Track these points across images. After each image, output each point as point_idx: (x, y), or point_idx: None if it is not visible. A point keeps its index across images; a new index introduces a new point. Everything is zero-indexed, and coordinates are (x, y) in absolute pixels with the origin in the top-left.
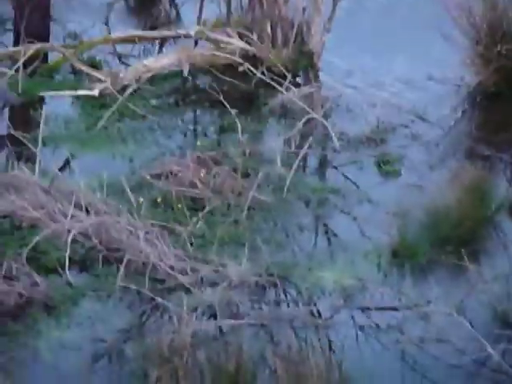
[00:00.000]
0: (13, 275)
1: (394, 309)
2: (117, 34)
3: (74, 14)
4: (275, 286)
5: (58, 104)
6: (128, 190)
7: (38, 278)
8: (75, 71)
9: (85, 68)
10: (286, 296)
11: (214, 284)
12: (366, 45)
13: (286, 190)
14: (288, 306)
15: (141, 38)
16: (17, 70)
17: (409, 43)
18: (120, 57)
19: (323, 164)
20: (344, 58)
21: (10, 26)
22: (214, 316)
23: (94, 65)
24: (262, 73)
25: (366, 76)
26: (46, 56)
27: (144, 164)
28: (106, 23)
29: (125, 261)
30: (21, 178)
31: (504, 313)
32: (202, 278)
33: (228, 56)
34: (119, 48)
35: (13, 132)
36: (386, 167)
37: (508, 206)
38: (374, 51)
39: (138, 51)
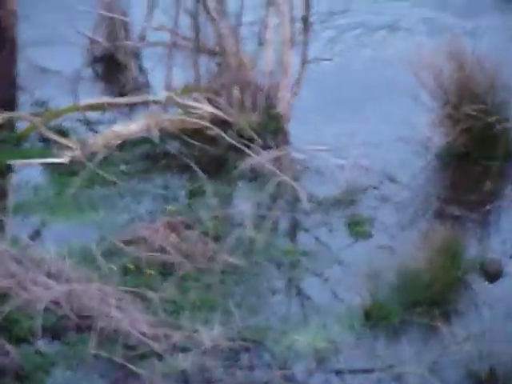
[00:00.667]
0: None
1: (368, 371)
2: (85, 100)
3: (41, 83)
4: (248, 350)
5: (27, 172)
6: (99, 257)
7: (8, 347)
8: (43, 139)
9: (53, 136)
10: (259, 360)
11: (186, 350)
12: (332, 109)
13: (256, 252)
14: (262, 370)
15: (109, 105)
16: None
17: (376, 105)
18: (88, 124)
19: (294, 226)
20: (311, 121)
21: None
22: (187, 382)
23: (63, 132)
24: (232, 137)
25: (334, 139)
26: (13, 124)
27: (114, 230)
28: (74, 91)
29: (96, 328)
30: None
31: (476, 373)
32: (174, 344)
33: (197, 121)
34: (87, 115)
35: None
36: (357, 229)
37: (478, 265)
38: (340, 114)
39: (107, 118)
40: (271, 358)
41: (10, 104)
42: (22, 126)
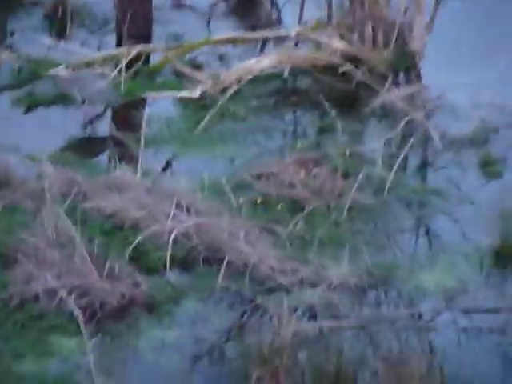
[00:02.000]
0: (115, 275)
1: (496, 311)
2: (218, 35)
3: (176, 16)
4: (376, 287)
5: (160, 105)
6: (229, 191)
7: (139, 278)
8: (177, 73)
9: (186, 69)
10: (386, 298)
11: (314, 285)
12: (468, 47)
13: (386, 191)
14: (389, 308)
15: (242, 40)
16: (119, 72)
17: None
18: (221, 58)
19: (424, 165)
20: (446, 58)
21: (112, 27)
22: (314, 317)
23: (195, 66)
24: (363, 73)
25: (468, 75)
26: (148, 57)
27: (244, 165)
28: (208, 24)
29: (225, 261)
30: (123, 178)
31: None
32: (301, 279)
33: (328, 57)
34: (220, 50)
35: (115, 133)
36: (488, 168)
37: None
38: (475, 52)
39: (239, 53)
40: (398, 296)
41: (145, 37)
42: (156, 59)
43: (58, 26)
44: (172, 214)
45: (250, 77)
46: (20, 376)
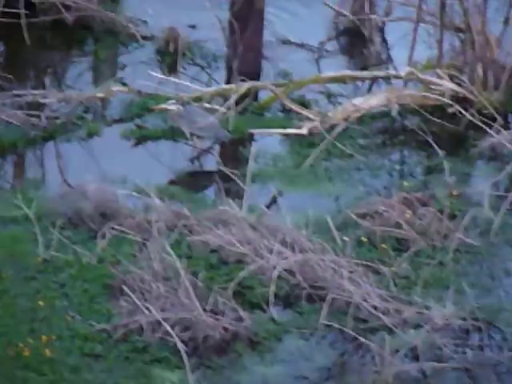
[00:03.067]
0: (219, 309)
1: None
2: (327, 73)
3: (285, 54)
4: (480, 330)
5: (267, 141)
6: (333, 229)
7: (243, 313)
8: (285, 109)
9: (294, 106)
10: (490, 341)
11: (417, 326)
12: None
13: (493, 233)
14: (492, 350)
15: (351, 78)
16: (228, 108)
17: None
18: (329, 96)
19: None
20: None
21: (222, 63)
22: (416, 358)
23: (304, 103)
24: (472, 115)
25: None
26: (256, 94)
27: (350, 203)
28: (317, 62)
29: (328, 299)
30: (229, 213)
31: None
32: (405, 320)
33: (438, 97)
34: (329, 87)
35: (222, 168)
36: None
37: None
38: None
39: (348, 91)
40: (502, 339)
41: (254, 74)
42: (264, 95)
43: (169, 61)
44: (276, 250)
45: (358, 115)
46: None
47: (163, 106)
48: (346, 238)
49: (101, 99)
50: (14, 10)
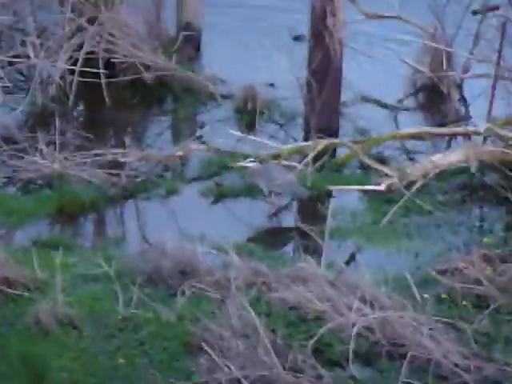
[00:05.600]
0: (298, 367)
1: None
2: (405, 129)
3: (364, 110)
4: None
5: (346, 198)
6: (413, 286)
7: (322, 371)
8: (363, 166)
9: (372, 163)
10: None
11: (498, 383)
12: None
13: None
14: None
15: (429, 135)
16: (306, 165)
17: None
18: (407, 152)
19: None
20: None
21: (300, 121)
22: None
23: (382, 160)
24: None
25: None
26: (334, 151)
27: (429, 260)
28: (395, 119)
29: (408, 356)
30: (307, 270)
31: None
32: (486, 377)
33: None
34: (407, 144)
35: (300, 225)
36: None
37: None
38: None
39: (426, 147)
40: None
41: (332, 131)
42: (342, 152)
43: (247, 119)
44: (355, 307)
45: (437, 171)
46: None
47: (241, 163)
48: (425, 295)
49: (180, 157)
50: (93, 70)
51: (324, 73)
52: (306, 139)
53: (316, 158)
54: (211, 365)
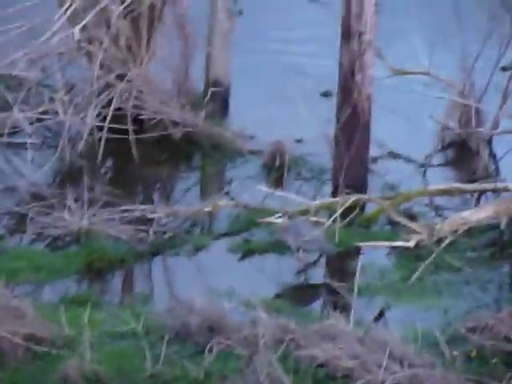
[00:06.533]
0: None
1: None
2: (434, 186)
3: (392, 166)
4: None
5: (374, 254)
6: (442, 343)
7: None
8: (391, 222)
9: (401, 219)
10: None
11: None
12: None
13: None
14: None
15: (458, 191)
16: (334, 220)
17: None
18: (436, 209)
19: None
20: None
21: (328, 177)
22: None
23: (411, 216)
24: None
25: None
26: (363, 207)
27: (459, 317)
28: (424, 175)
29: None
30: (336, 327)
31: None
32: None
33: None
34: (436, 200)
35: (329, 281)
36: None
37: None
38: None
39: (455, 204)
40: None
41: (360, 187)
42: (371, 208)
43: (275, 175)
44: (384, 364)
45: (466, 228)
46: None
47: (269, 219)
48: (455, 353)
49: (208, 213)
50: (122, 127)
51: (352, 128)
52: (334, 195)
53: (344, 214)
54: None
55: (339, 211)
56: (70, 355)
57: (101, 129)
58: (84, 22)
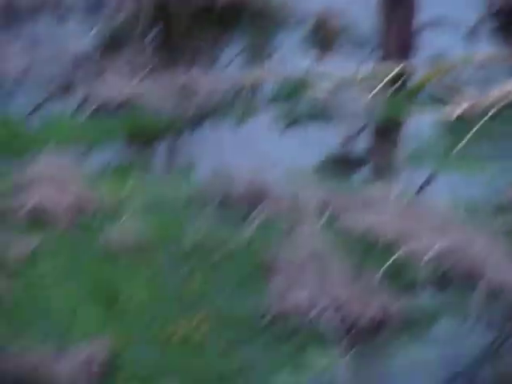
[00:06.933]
0: (371, 292)
1: None
2: (481, 54)
3: (439, 34)
4: None
5: (420, 124)
6: (486, 212)
7: (394, 296)
8: (437, 92)
9: (447, 89)
10: None
11: None
12: None
13: None
14: None
15: (505, 59)
16: (379, 90)
17: None
18: (483, 78)
19: None
20: None
21: (374, 46)
22: None
23: (456, 86)
24: None
25: None
26: (408, 76)
27: (503, 186)
28: (471, 43)
29: (481, 282)
30: (379, 196)
31: None
32: None
33: None
34: (482, 69)
35: (373, 151)
36: None
37: None
38: None
39: (502, 72)
40: None
41: (406, 56)
42: (417, 77)
43: (319, 44)
44: (429, 232)
45: None
46: None
47: (316, 88)
48: (499, 222)
49: (254, 83)
50: None
51: None
52: (379, 64)
53: (389, 83)
54: (283, 288)
55: (384, 81)
56: (115, 222)
57: None
58: None
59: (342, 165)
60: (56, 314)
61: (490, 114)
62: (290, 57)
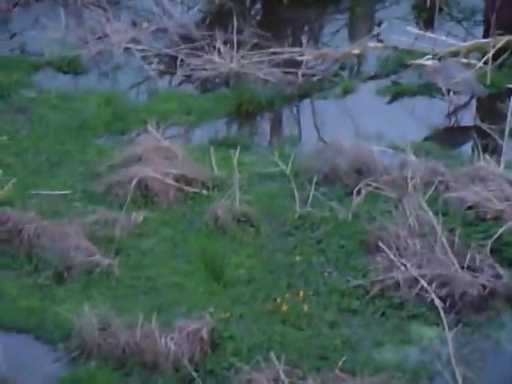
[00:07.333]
0: (476, 266)
1: None
2: None
3: None
4: None
5: None
6: None
7: (501, 270)
8: None
9: None
10: None
11: None
12: None
13: None
14: None
15: None
16: (485, 62)
17: None
18: None
19: None
20: None
21: (480, 18)
22: None
23: None
24: None
25: None
26: None
27: None
28: None
29: None
30: (486, 169)
31: None
32: None
33: None
34: None
35: (479, 124)
36: None
37: None
38: None
39: None
40: None
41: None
42: None
43: (425, 16)
44: None
45: None
46: (380, 363)
47: (419, 61)
48: None
49: (357, 56)
50: None
51: None
52: (485, 36)
53: (496, 55)
54: (388, 263)
55: (491, 52)
56: (220, 196)
57: None
58: None
59: (448, 138)
60: (162, 288)
61: None
62: (396, 29)
